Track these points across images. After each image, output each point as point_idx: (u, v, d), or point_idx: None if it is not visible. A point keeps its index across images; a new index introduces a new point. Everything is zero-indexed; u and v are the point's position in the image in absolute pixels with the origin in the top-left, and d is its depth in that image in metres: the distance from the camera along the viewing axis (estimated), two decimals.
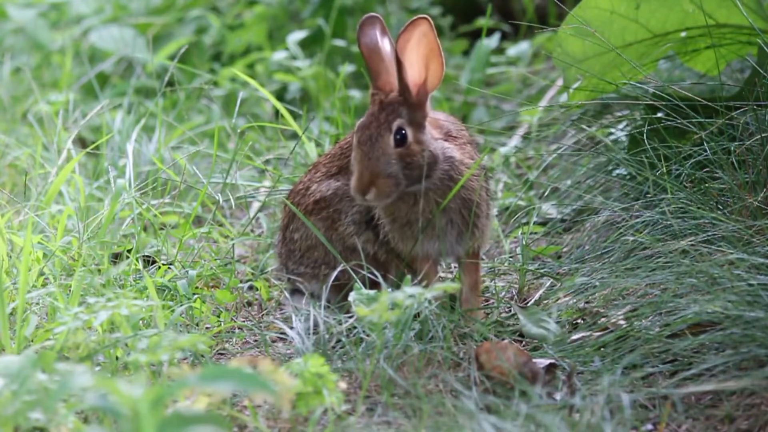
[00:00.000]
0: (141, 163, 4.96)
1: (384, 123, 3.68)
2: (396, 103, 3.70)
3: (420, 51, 3.68)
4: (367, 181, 3.66)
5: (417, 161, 3.69)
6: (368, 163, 3.66)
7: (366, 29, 3.76)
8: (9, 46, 6.88)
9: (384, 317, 3.32)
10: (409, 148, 3.68)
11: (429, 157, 3.70)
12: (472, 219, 3.79)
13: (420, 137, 3.70)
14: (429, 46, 3.68)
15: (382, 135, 3.68)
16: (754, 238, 3.68)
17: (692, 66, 4.52)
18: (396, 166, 3.67)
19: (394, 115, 3.69)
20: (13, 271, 3.95)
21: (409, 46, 3.66)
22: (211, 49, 6.53)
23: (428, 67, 3.70)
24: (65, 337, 3.37)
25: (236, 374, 2.66)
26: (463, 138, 3.86)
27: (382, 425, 3.27)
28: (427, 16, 3.66)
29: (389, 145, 3.67)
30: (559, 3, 5.14)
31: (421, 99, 3.72)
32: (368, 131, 3.68)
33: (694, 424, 3.27)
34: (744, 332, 3.33)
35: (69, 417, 3.02)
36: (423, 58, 3.69)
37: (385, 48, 3.74)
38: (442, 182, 3.74)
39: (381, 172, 3.66)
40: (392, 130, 3.68)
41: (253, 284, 4.25)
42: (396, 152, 3.67)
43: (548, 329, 3.75)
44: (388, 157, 3.67)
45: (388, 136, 3.68)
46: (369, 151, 3.67)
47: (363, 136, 3.68)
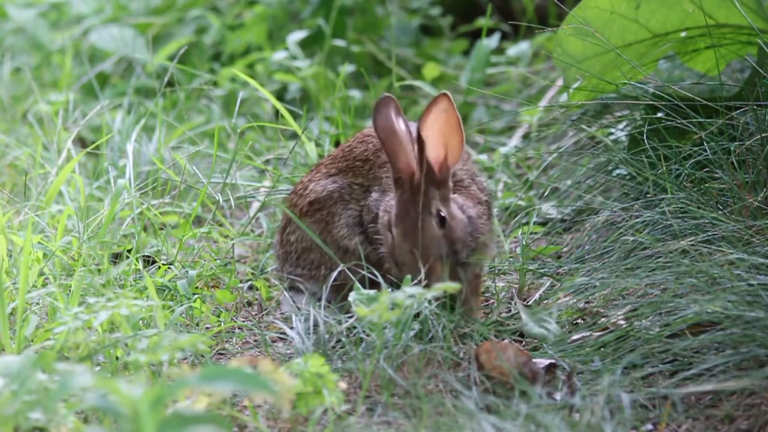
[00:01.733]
0: (141, 163, 4.96)
1: (424, 208, 3.63)
2: (427, 184, 3.65)
3: (439, 128, 3.64)
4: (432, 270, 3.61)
5: (459, 237, 3.66)
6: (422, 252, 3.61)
7: (381, 110, 3.70)
8: (9, 46, 6.88)
9: (384, 317, 3.32)
10: (449, 227, 3.65)
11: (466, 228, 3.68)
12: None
13: (453, 212, 3.68)
14: (449, 122, 3.64)
15: (425, 220, 3.63)
16: (754, 238, 3.68)
17: (692, 66, 4.52)
18: (444, 248, 3.64)
19: (430, 197, 3.65)
20: (13, 271, 3.95)
21: (428, 125, 3.63)
22: (211, 49, 6.53)
23: (447, 144, 3.66)
24: (65, 337, 3.37)
25: (236, 374, 2.66)
26: (466, 176, 3.83)
27: (382, 425, 3.28)
28: (448, 93, 3.63)
29: (434, 228, 3.64)
30: (559, 3, 5.14)
31: (445, 175, 3.68)
32: (410, 219, 3.63)
33: (694, 424, 3.27)
34: (744, 332, 3.33)
35: (69, 417, 3.02)
36: (442, 136, 3.65)
37: (401, 129, 3.69)
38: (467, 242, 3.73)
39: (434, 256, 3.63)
40: (433, 213, 3.64)
41: (253, 284, 4.25)
42: (441, 234, 3.65)
43: (548, 329, 3.76)
44: (436, 240, 3.63)
45: (431, 220, 3.63)
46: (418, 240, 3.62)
47: (407, 227, 3.62)
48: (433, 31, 6.68)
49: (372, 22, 6.42)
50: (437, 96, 3.63)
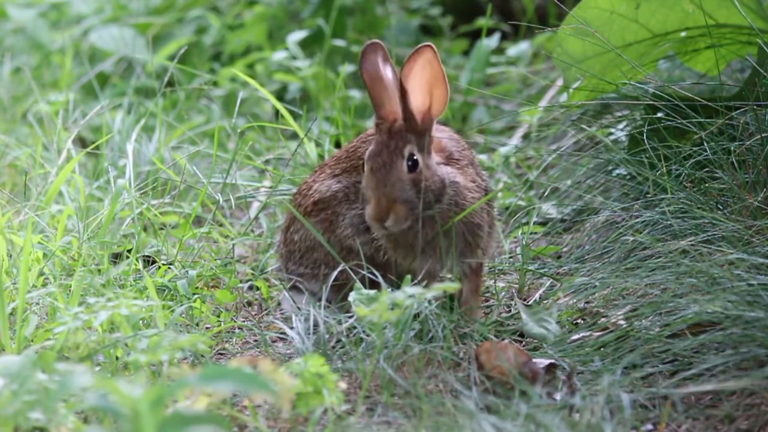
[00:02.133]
0: (141, 163, 4.96)
1: (395, 150, 3.68)
2: (404, 130, 3.70)
3: (424, 78, 3.68)
4: (385, 207, 3.66)
5: (429, 186, 3.69)
6: (385, 189, 3.66)
7: (368, 56, 3.75)
8: (9, 46, 6.88)
9: (384, 317, 3.32)
10: (421, 173, 3.69)
11: (437, 183, 3.71)
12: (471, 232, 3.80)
13: (428, 162, 3.71)
14: (433, 73, 3.68)
15: (395, 161, 3.67)
16: (754, 238, 3.68)
17: (692, 66, 4.52)
18: (411, 192, 3.68)
19: (404, 142, 3.69)
20: (13, 271, 3.95)
21: (413, 74, 3.67)
22: (211, 49, 6.53)
23: (432, 94, 3.70)
24: (65, 337, 3.37)
25: (236, 374, 2.66)
26: (465, 159, 3.86)
27: (382, 425, 3.28)
28: (431, 45, 3.67)
29: (403, 171, 3.67)
30: (559, 3, 5.14)
31: (427, 125, 3.72)
32: (380, 158, 3.68)
33: (694, 424, 3.27)
34: (744, 332, 3.33)
35: (69, 417, 3.02)
36: (427, 85, 3.69)
37: (388, 76, 3.74)
38: (449, 208, 3.74)
39: (398, 198, 3.66)
40: (404, 156, 3.68)
41: (253, 284, 4.25)
42: (409, 178, 3.68)
43: (548, 329, 3.76)
44: (402, 183, 3.67)
45: (401, 162, 3.68)
46: (384, 178, 3.67)
47: (376, 164, 3.68)
48: (433, 31, 6.68)
49: (372, 22, 6.42)
50: (421, 46, 3.66)
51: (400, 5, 6.70)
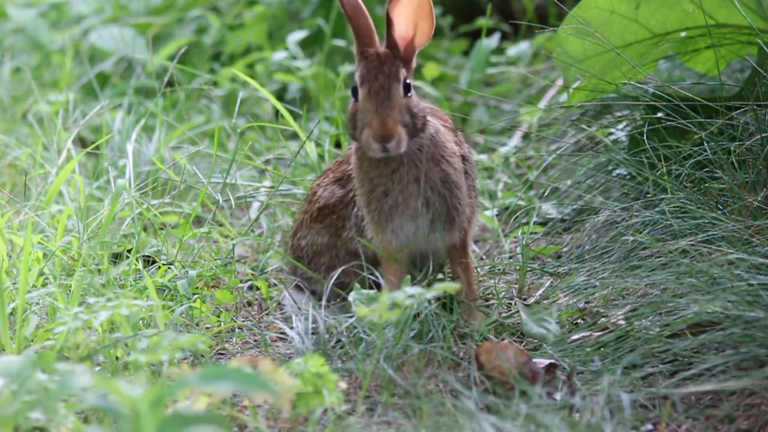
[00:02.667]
0: (141, 163, 4.96)
1: (391, 73, 3.67)
2: (394, 56, 3.70)
3: (410, 8, 3.70)
4: (391, 128, 3.62)
5: (417, 113, 3.69)
6: (387, 111, 3.63)
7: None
8: (9, 46, 6.88)
9: (384, 317, 3.32)
10: (411, 100, 3.69)
11: (422, 112, 3.71)
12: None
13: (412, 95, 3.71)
14: (421, 5, 3.71)
15: (392, 84, 3.66)
16: (754, 238, 3.68)
17: (692, 66, 4.52)
18: (408, 116, 3.67)
19: (397, 67, 3.69)
20: (13, 271, 3.95)
21: (400, 4, 3.69)
22: (211, 49, 6.53)
23: (417, 25, 3.72)
24: (65, 337, 3.37)
25: (236, 374, 2.66)
26: (449, 124, 3.85)
27: (382, 425, 3.28)
28: None
29: (400, 95, 3.67)
30: (559, 3, 5.14)
31: (409, 55, 3.74)
32: (378, 81, 3.66)
33: (694, 424, 3.27)
34: (744, 332, 3.33)
35: (69, 417, 3.02)
36: (413, 16, 3.71)
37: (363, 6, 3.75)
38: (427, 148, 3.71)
39: (399, 119, 3.64)
40: (400, 80, 3.67)
41: (253, 284, 4.25)
42: (405, 102, 3.68)
43: (548, 329, 3.76)
44: (401, 106, 3.66)
45: (398, 87, 3.67)
46: (384, 101, 3.64)
47: (374, 86, 3.65)
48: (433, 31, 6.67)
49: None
50: None
51: None
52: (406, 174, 3.72)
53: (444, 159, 3.74)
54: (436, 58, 6.38)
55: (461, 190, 3.77)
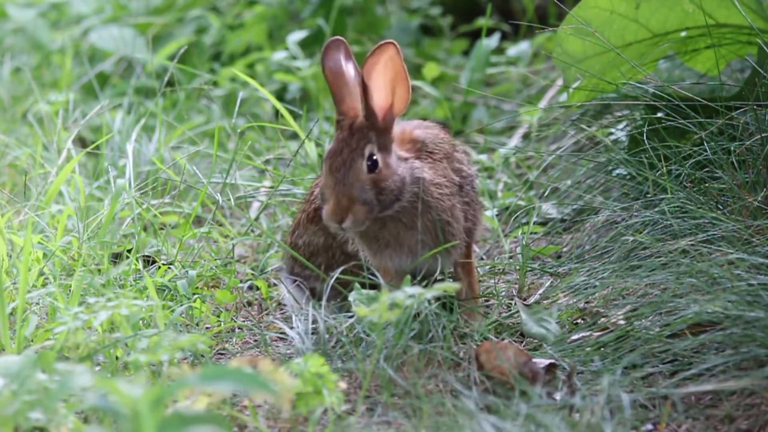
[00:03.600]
0: (141, 163, 4.96)
1: (356, 149, 3.63)
2: (364, 128, 3.65)
3: (387, 76, 3.64)
4: (344, 208, 3.61)
5: (388, 186, 3.65)
6: (343, 189, 3.61)
7: (331, 53, 3.71)
8: (9, 46, 6.88)
9: (384, 317, 3.32)
10: (381, 173, 3.64)
11: (398, 182, 3.67)
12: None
13: (388, 161, 3.67)
14: (395, 70, 3.63)
15: (355, 161, 3.62)
16: (754, 238, 3.68)
17: (692, 66, 4.52)
18: (370, 192, 3.63)
19: (365, 141, 3.64)
20: (13, 271, 3.95)
21: (375, 71, 3.62)
22: (211, 49, 6.53)
23: (395, 92, 3.66)
24: (65, 337, 3.37)
25: (236, 374, 2.66)
26: (440, 152, 3.81)
27: (382, 425, 3.28)
28: (394, 42, 3.63)
29: (362, 171, 3.63)
30: (559, 3, 5.14)
31: (388, 123, 3.67)
32: (340, 157, 3.63)
33: (694, 424, 3.27)
34: (744, 332, 3.33)
35: (69, 417, 3.02)
36: (390, 83, 3.65)
37: (350, 72, 3.69)
38: (411, 204, 3.70)
39: (356, 198, 3.61)
40: (365, 156, 3.64)
41: (253, 284, 4.25)
42: (369, 178, 3.63)
43: (548, 329, 3.76)
44: (362, 183, 3.62)
45: (361, 162, 3.63)
46: (343, 178, 3.61)
47: (335, 163, 3.62)
48: (433, 31, 6.68)
49: (372, 22, 6.42)
50: (383, 43, 3.63)
51: (400, 5, 6.70)
52: (394, 227, 3.71)
53: (431, 206, 3.73)
54: (436, 58, 6.38)
55: (454, 223, 3.77)
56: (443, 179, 3.77)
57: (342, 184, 3.61)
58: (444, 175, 3.78)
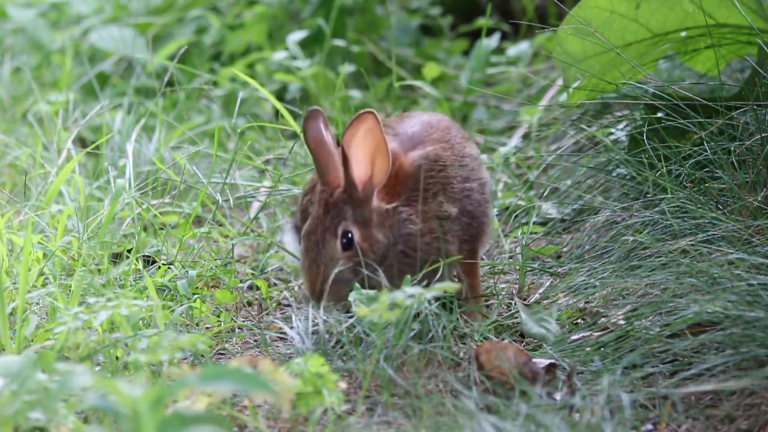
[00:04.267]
0: (141, 163, 4.96)
1: (329, 227, 3.64)
2: (341, 202, 3.65)
3: (366, 147, 3.62)
4: (319, 289, 3.63)
5: (369, 256, 3.66)
6: (317, 270, 3.63)
7: (311, 123, 3.68)
8: (9, 46, 6.88)
9: (384, 317, 3.32)
10: (355, 249, 3.65)
11: (380, 250, 3.67)
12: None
13: (367, 233, 3.66)
14: (375, 141, 3.62)
15: (328, 241, 3.64)
16: (754, 238, 3.68)
17: (692, 66, 4.52)
18: (346, 270, 3.64)
19: (339, 218, 3.64)
20: (13, 271, 3.95)
21: (354, 142, 3.60)
22: (211, 49, 6.53)
23: (374, 163, 3.65)
24: (65, 337, 3.37)
25: (236, 374, 2.66)
26: (434, 187, 3.76)
27: (382, 425, 3.28)
28: (373, 111, 3.60)
29: (336, 251, 3.64)
30: (559, 3, 5.14)
31: (367, 194, 3.66)
32: (314, 237, 3.64)
33: (694, 424, 3.27)
34: (744, 332, 3.33)
35: (69, 417, 3.02)
36: (369, 155, 3.63)
37: (329, 141, 3.67)
38: (398, 261, 3.71)
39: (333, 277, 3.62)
40: (338, 235, 3.64)
41: (253, 284, 4.25)
42: (344, 256, 3.64)
43: (548, 329, 3.76)
44: (335, 262, 3.63)
45: (334, 242, 3.64)
46: (317, 258, 3.63)
47: (310, 243, 3.64)
48: (433, 31, 6.68)
49: (372, 22, 6.42)
50: (361, 113, 3.60)
51: (400, 5, 6.70)
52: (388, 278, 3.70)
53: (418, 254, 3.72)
54: (436, 58, 6.38)
55: (450, 243, 3.76)
56: (435, 223, 3.74)
57: (316, 266, 3.63)
58: (435, 214, 3.75)
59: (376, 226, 3.68)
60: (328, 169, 3.67)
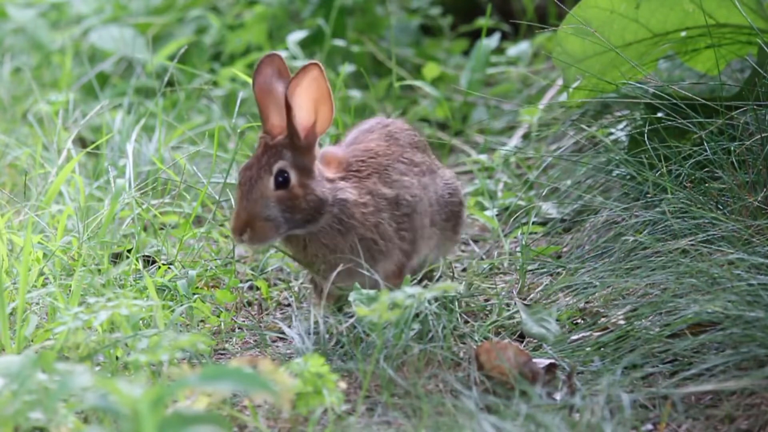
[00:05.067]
0: (141, 163, 4.96)
1: (265, 165, 3.65)
2: (281, 146, 3.67)
3: (310, 95, 3.65)
4: (243, 222, 3.63)
5: (299, 205, 3.66)
6: (246, 204, 3.64)
7: (262, 69, 3.71)
8: (9, 46, 6.87)
9: (384, 317, 3.32)
10: (292, 191, 3.65)
11: (314, 202, 3.67)
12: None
13: (305, 181, 3.67)
14: (320, 90, 3.65)
15: (261, 177, 3.65)
16: (754, 238, 3.68)
17: (692, 66, 4.52)
18: (275, 209, 3.65)
19: (277, 158, 3.66)
20: (13, 271, 3.95)
21: (299, 90, 3.63)
22: (211, 49, 6.53)
23: (318, 111, 3.68)
24: (65, 337, 3.37)
25: (236, 374, 2.66)
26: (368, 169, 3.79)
27: (382, 425, 3.28)
28: (319, 63, 3.64)
29: (268, 188, 3.65)
30: (559, 3, 5.14)
31: (310, 142, 3.69)
32: (249, 172, 3.66)
33: (694, 424, 3.27)
34: (744, 332, 3.33)
35: (69, 417, 3.02)
36: (313, 102, 3.66)
37: (278, 90, 3.70)
38: (331, 227, 3.71)
39: (258, 214, 3.63)
40: (273, 173, 3.65)
41: (253, 284, 4.26)
42: (275, 195, 3.65)
43: (548, 329, 3.76)
44: (266, 199, 3.64)
45: (268, 179, 3.65)
46: (247, 193, 3.64)
47: (243, 178, 3.66)
48: (433, 31, 6.68)
49: (372, 22, 6.42)
50: (307, 64, 3.64)
51: (400, 5, 6.70)
52: (318, 249, 3.72)
53: (356, 227, 3.72)
54: (436, 58, 6.38)
55: (383, 242, 3.75)
56: (368, 197, 3.76)
57: (245, 200, 3.64)
58: (370, 193, 3.77)
59: (314, 179, 3.69)
60: (269, 117, 3.71)
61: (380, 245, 3.76)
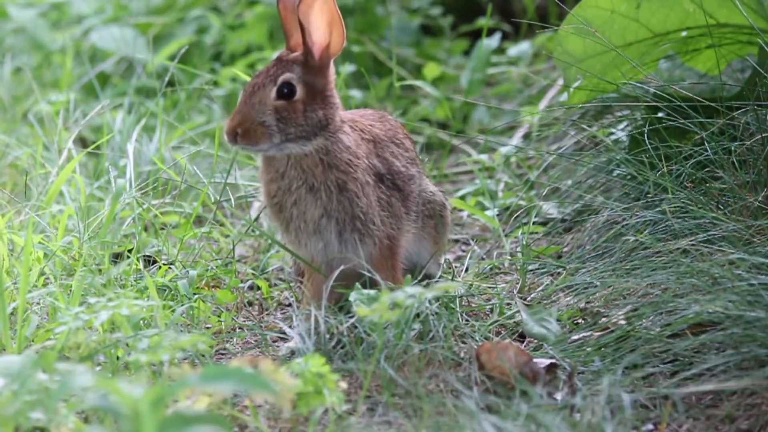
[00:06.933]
0: (142, 163, 4.96)
1: (272, 75, 3.71)
2: (293, 61, 3.74)
3: (323, 16, 3.71)
4: (236, 123, 3.68)
5: (296, 119, 3.69)
6: (243, 107, 3.69)
7: None
8: (9, 46, 6.88)
9: (385, 317, 3.32)
10: (293, 104, 3.70)
11: (312, 121, 3.71)
12: None
13: (311, 101, 3.71)
14: (330, 13, 3.71)
15: (265, 85, 3.70)
16: (754, 238, 3.68)
17: (693, 66, 4.52)
18: (270, 116, 3.69)
19: (285, 70, 3.72)
20: (13, 271, 3.95)
21: (312, 11, 3.68)
22: (212, 49, 6.54)
23: (331, 32, 3.73)
24: (66, 337, 3.37)
25: (237, 374, 2.66)
26: (367, 134, 3.82)
27: (382, 425, 3.28)
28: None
29: (269, 96, 3.69)
30: (560, 3, 5.14)
31: (324, 63, 3.74)
32: (256, 80, 3.73)
33: (694, 424, 3.27)
34: (745, 332, 3.33)
35: (69, 417, 3.02)
36: (326, 24, 3.72)
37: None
38: (318, 153, 3.71)
39: (254, 118, 3.68)
40: (277, 83, 3.69)
41: (253, 284, 4.25)
42: (275, 104, 3.70)
43: (549, 329, 3.76)
44: (264, 106, 3.69)
45: (271, 88, 3.70)
46: (248, 98, 3.70)
47: (249, 84, 3.73)
48: (434, 31, 6.68)
49: (372, 22, 6.42)
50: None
51: (401, 5, 6.70)
52: (295, 179, 3.72)
53: (339, 166, 3.73)
54: (437, 58, 6.38)
55: (364, 199, 3.75)
56: (362, 152, 3.78)
57: (245, 104, 3.70)
58: (366, 155, 3.79)
59: (319, 103, 3.72)
60: (292, 35, 3.77)
61: (364, 202, 3.74)
